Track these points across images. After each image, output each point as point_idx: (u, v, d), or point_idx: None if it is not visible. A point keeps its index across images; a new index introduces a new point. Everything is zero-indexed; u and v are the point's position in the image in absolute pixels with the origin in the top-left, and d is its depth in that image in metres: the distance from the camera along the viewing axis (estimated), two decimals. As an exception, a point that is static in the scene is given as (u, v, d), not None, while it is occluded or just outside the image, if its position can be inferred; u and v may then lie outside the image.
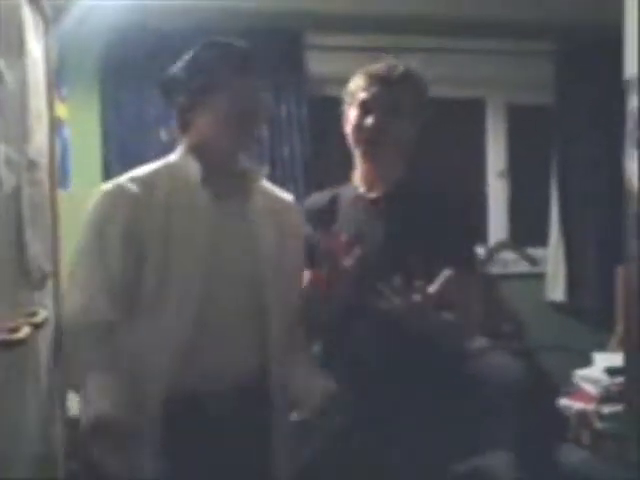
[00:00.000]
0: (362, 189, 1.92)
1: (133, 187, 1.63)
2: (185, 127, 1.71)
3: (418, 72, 1.91)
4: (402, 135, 1.86)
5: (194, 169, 1.65)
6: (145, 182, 1.65)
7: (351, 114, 1.89)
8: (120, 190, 1.64)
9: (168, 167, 1.70)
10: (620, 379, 2.39)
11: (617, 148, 2.21)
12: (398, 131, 1.85)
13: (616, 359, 2.47)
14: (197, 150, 1.68)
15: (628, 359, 1.98)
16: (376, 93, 1.84)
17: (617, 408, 2.38)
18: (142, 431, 1.58)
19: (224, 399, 1.62)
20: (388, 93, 1.84)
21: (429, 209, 1.80)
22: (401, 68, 1.87)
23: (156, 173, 1.68)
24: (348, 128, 1.91)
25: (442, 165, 3.56)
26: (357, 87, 1.90)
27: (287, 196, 1.87)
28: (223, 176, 1.69)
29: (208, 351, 1.60)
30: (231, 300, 1.64)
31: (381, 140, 1.83)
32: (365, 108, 1.85)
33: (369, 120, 1.84)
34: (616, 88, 1.78)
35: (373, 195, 1.89)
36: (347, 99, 1.93)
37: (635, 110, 1.68)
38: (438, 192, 1.92)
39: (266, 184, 1.83)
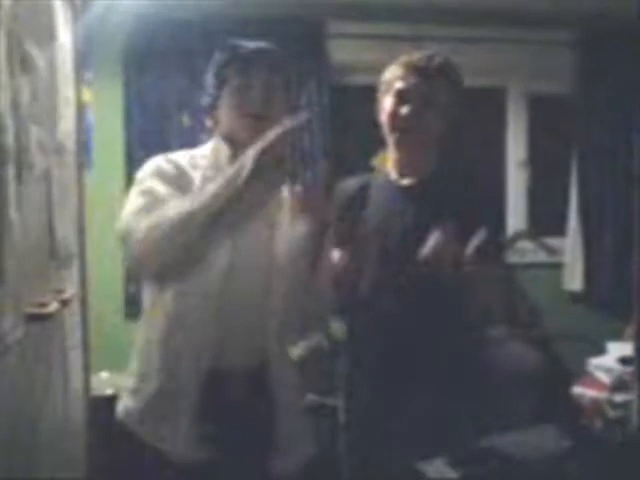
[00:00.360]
0: (394, 176, 1.94)
1: (181, 160, 1.73)
2: (215, 122, 1.79)
3: (455, 65, 1.91)
4: (435, 126, 1.87)
5: (224, 154, 1.73)
6: (191, 158, 1.75)
7: (386, 102, 1.90)
8: (168, 159, 1.72)
9: (204, 151, 1.78)
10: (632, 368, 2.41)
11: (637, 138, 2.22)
12: (432, 122, 1.85)
13: (630, 349, 2.49)
14: (226, 138, 1.75)
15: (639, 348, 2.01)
16: (413, 83, 1.84)
17: (629, 396, 2.40)
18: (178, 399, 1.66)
19: (239, 374, 1.69)
20: (424, 84, 1.84)
21: (460, 198, 1.81)
22: (439, 60, 1.87)
23: (195, 155, 1.77)
24: (383, 116, 1.92)
25: (463, 154, 3.57)
26: (394, 76, 1.90)
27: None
28: None
29: (226, 326, 1.67)
30: (245, 278, 1.70)
31: (415, 129, 1.84)
32: (401, 97, 1.86)
33: (404, 109, 1.84)
34: (637, 77, 1.75)
35: (405, 182, 1.92)
36: (382, 87, 1.94)
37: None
38: (468, 181, 1.93)
39: None
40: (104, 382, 2.84)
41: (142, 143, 3.29)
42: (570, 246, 3.78)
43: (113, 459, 2.16)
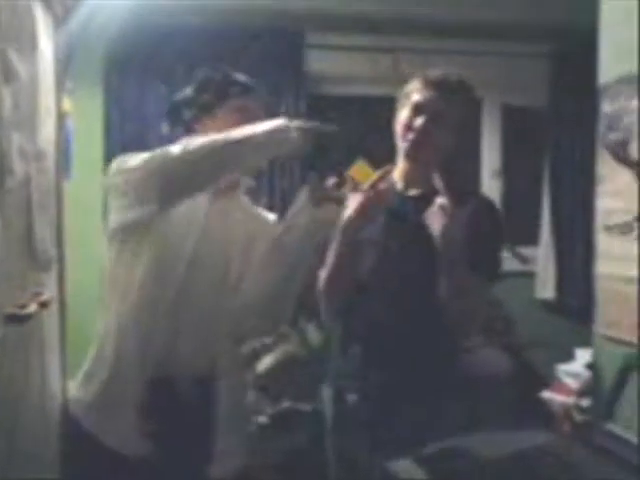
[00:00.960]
0: (399, 186, 1.98)
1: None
2: (189, 130, 1.84)
3: (472, 85, 1.96)
4: (446, 142, 1.90)
5: None
6: None
7: (402, 114, 1.95)
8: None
9: None
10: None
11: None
12: (443, 138, 1.89)
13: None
14: None
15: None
16: (429, 98, 1.89)
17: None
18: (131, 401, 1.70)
19: (187, 378, 1.77)
20: (440, 99, 1.89)
21: (464, 212, 1.82)
22: (457, 77, 1.92)
23: None
24: (398, 127, 1.96)
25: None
26: (412, 89, 1.95)
27: (269, 214, 2.03)
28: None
29: (179, 332, 1.73)
30: (200, 290, 1.78)
31: (425, 143, 1.89)
32: (416, 110, 1.90)
33: (418, 121, 1.89)
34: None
35: (411, 193, 1.96)
36: (401, 100, 1.98)
37: (607, 114, 1.76)
38: (473, 197, 1.94)
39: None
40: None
41: (122, 151, 3.29)
42: (542, 255, 3.85)
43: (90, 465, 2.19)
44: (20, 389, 1.60)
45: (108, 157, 3.34)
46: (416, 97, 1.92)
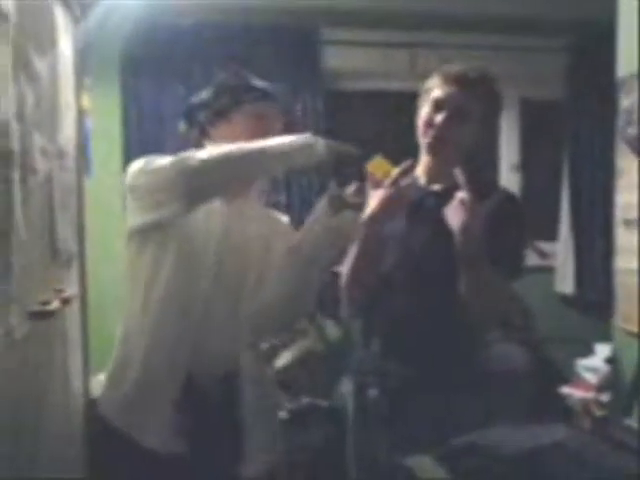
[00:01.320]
0: (423, 181, 1.97)
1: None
2: (203, 134, 1.85)
3: (494, 78, 1.94)
4: (467, 137, 1.89)
5: None
6: None
7: (423, 110, 1.94)
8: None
9: None
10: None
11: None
12: (464, 133, 1.88)
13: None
14: None
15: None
16: (449, 93, 1.87)
17: (617, 396, 2.44)
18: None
19: (211, 381, 1.77)
20: (461, 95, 1.86)
21: (484, 206, 1.80)
22: (478, 72, 1.90)
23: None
24: (419, 123, 1.94)
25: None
26: (433, 85, 1.93)
27: (283, 216, 2.02)
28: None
29: (199, 334, 1.75)
30: (223, 293, 1.78)
31: (447, 138, 1.87)
32: (437, 106, 1.89)
33: (438, 118, 1.87)
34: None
35: (435, 188, 1.96)
36: (423, 95, 1.97)
37: (626, 108, 1.75)
38: (494, 191, 1.93)
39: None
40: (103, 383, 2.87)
41: (139, 149, 3.34)
42: (562, 250, 3.83)
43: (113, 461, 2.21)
44: (44, 384, 1.62)
45: (127, 155, 3.37)
46: (436, 93, 1.90)
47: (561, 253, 3.83)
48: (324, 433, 2.78)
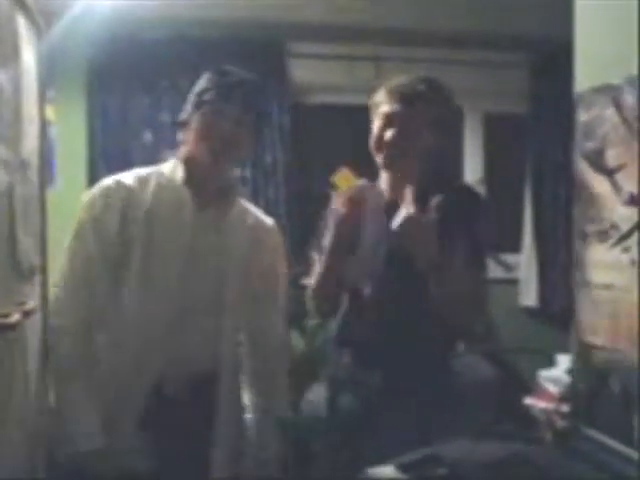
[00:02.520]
0: (387, 194, 1.97)
1: (129, 180, 1.81)
2: (181, 141, 1.85)
3: (440, 84, 1.93)
4: (422, 147, 1.88)
5: (180, 175, 1.79)
6: (139, 178, 1.82)
7: (374, 125, 1.95)
8: (117, 183, 1.81)
9: (160, 171, 1.85)
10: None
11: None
12: (418, 144, 1.88)
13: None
14: (185, 161, 1.82)
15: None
16: (395, 108, 1.88)
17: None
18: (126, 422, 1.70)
19: (183, 387, 1.77)
20: (407, 108, 1.87)
21: (451, 217, 1.81)
22: (421, 85, 1.89)
23: (150, 173, 1.84)
24: (371, 141, 1.95)
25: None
26: (380, 100, 1.94)
27: (268, 219, 2.02)
28: (204, 188, 1.84)
29: (173, 342, 1.73)
30: (196, 300, 1.79)
31: (399, 153, 1.88)
32: (386, 121, 1.90)
33: (388, 134, 1.88)
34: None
35: (397, 199, 1.96)
36: (373, 110, 1.98)
37: (584, 123, 1.78)
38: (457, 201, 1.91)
39: (248, 204, 1.99)
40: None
41: (105, 160, 3.33)
42: (525, 262, 3.89)
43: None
44: (3, 397, 1.60)
45: (91, 167, 3.35)
46: (384, 108, 1.91)
47: (524, 265, 3.88)
48: (290, 444, 2.77)
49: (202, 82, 1.84)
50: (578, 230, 1.82)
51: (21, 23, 1.75)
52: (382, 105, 1.92)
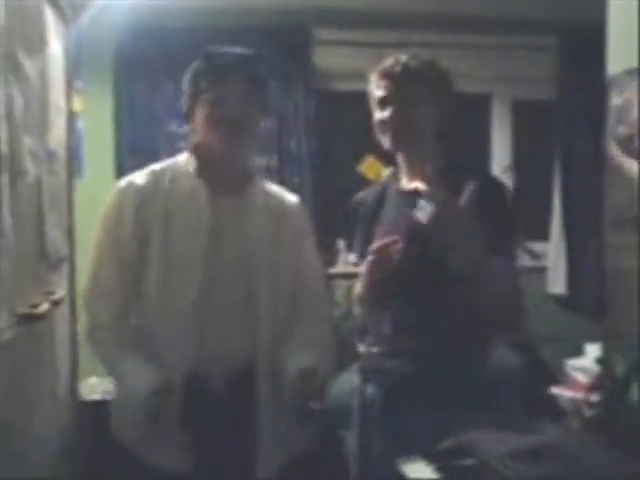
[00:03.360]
0: (403, 181, 1.97)
1: (141, 179, 1.77)
2: (191, 132, 1.82)
3: (430, 60, 1.92)
4: (422, 124, 1.88)
5: (193, 166, 1.76)
6: (154, 173, 1.79)
7: (373, 113, 1.95)
8: (129, 184, 1.77)
9: (175, 163, 1.82)
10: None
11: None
12: (416, 121, 1.87)
13: (608, 349, 2.53)
14: (196, 150, 1.79)
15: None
16: (387, 88, 1.88)
17: (607, 396, 2.44)
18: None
19: (220, 381, 1.74)
20: (398, 86, 1.86)
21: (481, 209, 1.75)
22: (406, 60, 1.89)
23: (164, 167, 1.82)
24: (374, 127, 1.95)
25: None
26: (372, 86, 1.94)
27: (291, 197, 1.96)
28: (219, 174, 1.80)
29: (205, 335, 1.71)
30: (224, 289, 1.75)
31: (401, 130, 1.87)
32: (382, 104, 1.90)
33: (385, 114, 1.88)
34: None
35: (409, 187, 1.94)
36: (370, 101, 1.97)
37: (616, 107, 1.75)
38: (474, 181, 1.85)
39: (268, 184, 1.94)
40: (93, 387, 2.87)
41: (132, 150, 3.34)
42: (553, 251, 3.84)
43: (101, 465, 2.19)
44: (32, 388, 1.62)
45: (119, 157, 3.36)
46: (377, 93, 1.91)
47: (553, 254, 3.84)
48: (317, 435, 2.77)
49: (193, 70, 1.79)
50: (609, 216, 1.79)
51: (48, 14, 1.76)
52: (374, 91, 1.92)
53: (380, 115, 1.90)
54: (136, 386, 1.63)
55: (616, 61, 1.78)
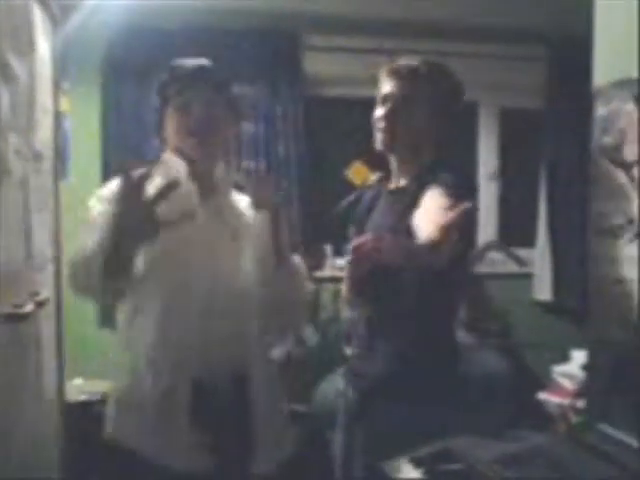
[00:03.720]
0: (393, 182, 1.98)
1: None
2: (164, 142, 1.82)
3: (438, 64, 1.96)
4: (417, 125, 1.90)
5: (182, 168, 1.76)
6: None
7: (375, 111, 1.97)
8: (112, 193, 1.71)
9: (160, 163, 1.79)
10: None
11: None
12: (411, 121, 1.89)
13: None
14: (178, 155, 1.78)
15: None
16: (388, 86, 1.91)
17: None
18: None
19: (219, 380, 1.72)
20: (401, 85, 1.89)
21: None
22: (413, 63, 1.92)
23: (150, 169, 1.77)
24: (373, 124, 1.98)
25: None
26: (380, 84, 1.96)
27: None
28: (199, 179, 1.78)
29: (207, 338, 1.70)
30: (212, 288, 1.73)
31: (392, 128, 1.89)
32: (382, 101, 1.93)
33: (380, 111, 1.92)
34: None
35: (391, 187, 1.96)
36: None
37: (601, 117, 1.77)
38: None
39: (234, 193, 1.91)
40: (78, 388, 2.85)
41: (119, 151, 3.33)
42: (539, 257, 3.86)
43: (90, 467, 2.17)
44: (16, 389, 1.60)
45: (106, 157, 3.35)
46: (381, 91, 1.94)
47: (538, 260, 3.86)
48: (303, 438, 2.77)
49: (159, 82, 1.80)
50: (594, 225, 1.81)
51: (37, 14, 1.75)
52: (381, 89, 1.94)
53: (377, 112, 1.92)
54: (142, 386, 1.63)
55: (602, 72, 1.80)
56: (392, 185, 1.96)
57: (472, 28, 3.59)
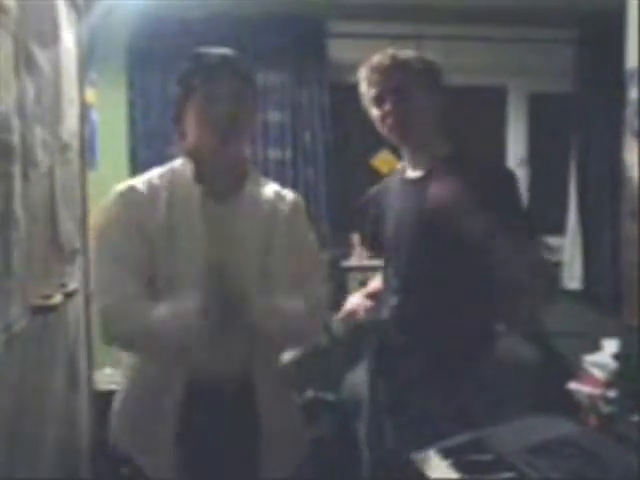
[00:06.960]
0: (407, 171, 1.99)
1: (142, 187, 1.70)
2: (182, 135, 1.78)
3: (416, 54, 1.97)
4: (419, 115, 1.91)
5: (189, 170, 1.73)
6: (152, 183, 1.72)
7: (372, 113, 1.97)
8: (130, 191, 1.70)
9: (172, 169, 1.77)
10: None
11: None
12: (413, 112, 1.90)
13: (624, 345, 2.51)
14: (190, 153, 1.75)
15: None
16: (379, 83, 1.91)
17: (624, 391, 2.42)
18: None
19: (219, 389, 1.69)
20: (390, 79, 1.90)
21: (471, 185, 1.82)
22: (393, 53, 1.93)
23: (162, 175, 1.75)
24: (376, 124, 1.98)
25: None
26: (363, 84, 1.97)
27: (290, 193, 1.89)
28: (216, 174, 1.75)
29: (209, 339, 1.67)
30: (225, 290, 1.68)
31: (400, 123, 1.90)
32: (377, 101, 1.93)
33: (382, 109, 1.91)
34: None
35: (411, 176, 1.97)
36: (365, 102, 1.99)
37: (635, 101, 1.73)
38: (478, 168, 1.92)
39: (264, 180, 1.88)
40: (108, 378, 2.89)
41: (146, 142, 3.34)
42: (569, 245, 3.81)
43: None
44: (47, 379, 1.62)
45: (133, 148, 3.36)
46: (371, 92, 1.94)
47: (569, 248, 3.81)
48: (331, 426, 2.78)
49: (182, 71, 1.75)
50: (626, 210, 1.77)
51: (61, 6, 1.76)
52: (368, 88, 1.95)
53: (378, 112, 1.93)
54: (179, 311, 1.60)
55: (635, 55, 1.76)
56: (409, 175, 1.96)
57: (499, 12, 3.54)
